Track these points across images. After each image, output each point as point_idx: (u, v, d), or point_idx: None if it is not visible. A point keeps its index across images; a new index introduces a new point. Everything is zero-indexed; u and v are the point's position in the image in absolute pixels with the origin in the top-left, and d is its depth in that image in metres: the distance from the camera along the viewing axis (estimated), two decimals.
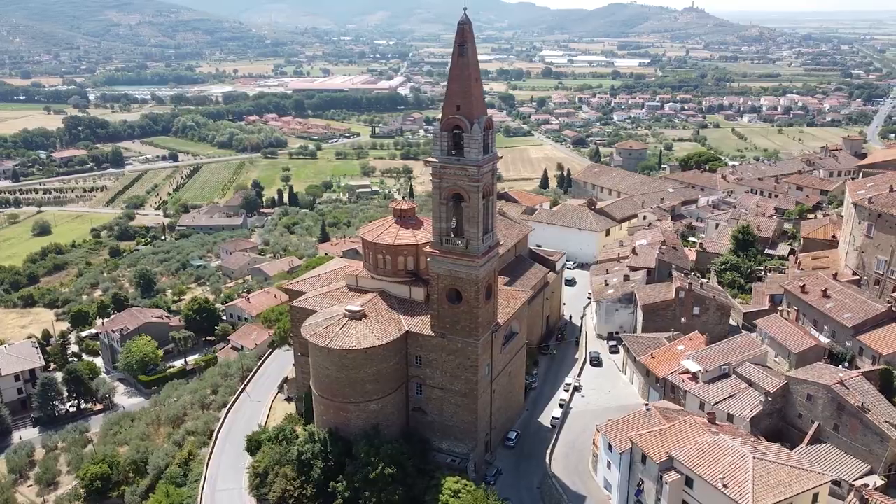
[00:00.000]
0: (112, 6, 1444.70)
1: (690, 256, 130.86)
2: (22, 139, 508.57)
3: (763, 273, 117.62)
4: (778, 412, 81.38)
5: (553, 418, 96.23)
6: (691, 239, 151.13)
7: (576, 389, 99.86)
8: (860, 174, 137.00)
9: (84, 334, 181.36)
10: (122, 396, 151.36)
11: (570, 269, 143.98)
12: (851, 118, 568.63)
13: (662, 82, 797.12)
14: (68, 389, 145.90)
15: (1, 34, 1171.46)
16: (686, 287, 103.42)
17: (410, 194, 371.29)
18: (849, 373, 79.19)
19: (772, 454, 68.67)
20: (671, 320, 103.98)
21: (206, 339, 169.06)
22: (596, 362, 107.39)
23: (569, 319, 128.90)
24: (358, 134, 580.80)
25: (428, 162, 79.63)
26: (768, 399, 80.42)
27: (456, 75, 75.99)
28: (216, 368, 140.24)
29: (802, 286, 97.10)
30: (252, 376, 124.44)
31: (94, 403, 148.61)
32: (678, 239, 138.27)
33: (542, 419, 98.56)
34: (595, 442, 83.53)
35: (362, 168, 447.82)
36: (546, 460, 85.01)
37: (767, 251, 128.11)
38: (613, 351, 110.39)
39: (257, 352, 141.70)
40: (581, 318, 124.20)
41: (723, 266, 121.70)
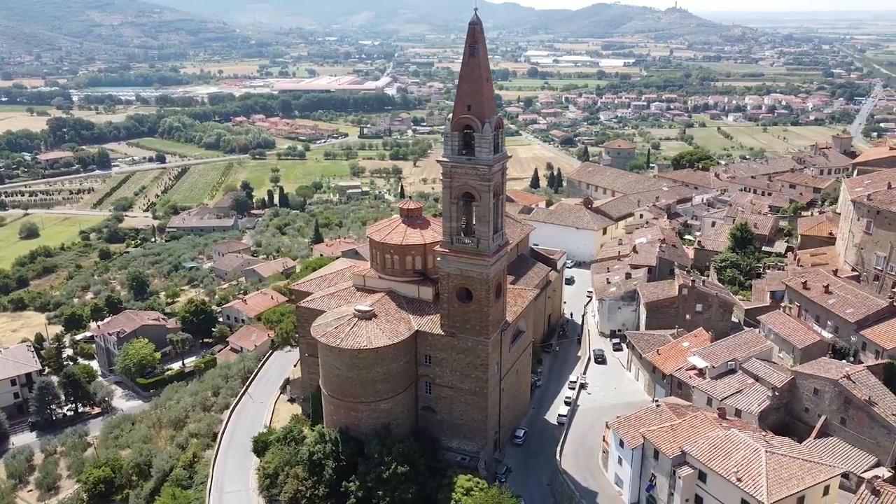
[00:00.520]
0: (94, 6, 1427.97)
1: (689, 254, 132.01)
2: (5, 141, 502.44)
3: (762, 270, 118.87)
4: (785, 407, 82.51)
5: (559, 416, 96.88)
6: (687, 237, 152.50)
7: (582, 387, 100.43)
8: (855, 172, 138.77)
9: (78, 337, 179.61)
10: (121, 399, 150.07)
11: (569, 268, 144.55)
12: (834, 117, 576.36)
13: (648, 82, 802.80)
14: (65, 393, 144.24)
15: None
16: (689, 284, 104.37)
17: (401, 194, 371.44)
18: (854, 367, 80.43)
19: (783, 448, 69.63)
20: (674, 317, 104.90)
21: (203, 341, 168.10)
22: (600, 360, 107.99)
23: (570, 317, 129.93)
24: (346, 134, 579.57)
25: (438, 161, 79.91)
26: (775, 394, 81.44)
27: (467, 75, 76.09)
28: (216, 370, 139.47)
29: (804, 282, 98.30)
30: (253, 378, 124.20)
31: (92, 407, 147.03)
32: (677, 237, 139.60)
33: (549, 416, 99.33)
34: (605, 438, 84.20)
35: (352, 169, 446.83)
36: (556, 457, 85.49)
37: (765, 248, 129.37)
38: (617, 348, 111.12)
39: (257, 353, 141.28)
40: (582, 317, 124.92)
41: (723, 263, 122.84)
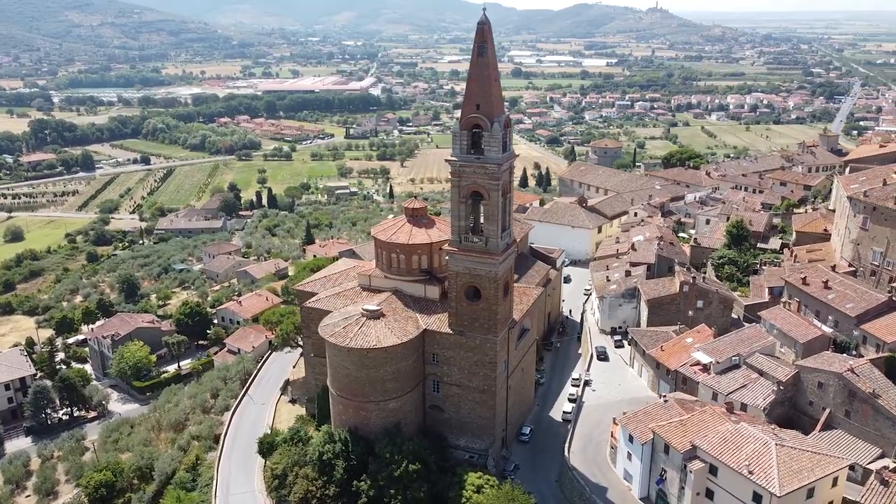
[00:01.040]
0: (72, 7, 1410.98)
1: (686, 251, 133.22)
2: None
3: (759, 266, 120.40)
4: (789, 401, 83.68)
5: (564, 412, 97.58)
6: (682, 235, 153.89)
7: (586, 384, 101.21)
8: (847, 169, 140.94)
9: (70, 341, 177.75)
10: (117, 403, 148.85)
11: (565, 266, 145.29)
12: (815, 115, 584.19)
13: (631, 82, 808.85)
14: (61, 397, 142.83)
15: None
16: (690, 281, 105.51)
17: (390, 195, 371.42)
18: (857, 361, 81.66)
19: (792, 441, 70.72)
20: (675, 314, 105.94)
21: (199, 343, 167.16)
22: (602, 357, 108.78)
23: (568, 315, 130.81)
24: (332, 135, 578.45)
25: (447, 160, 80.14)
26: (780, 388, 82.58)
27: (475, 75, 76.18)
28: (214, 372, 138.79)
29: (804, 278, 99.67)
30: (253, 379, 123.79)
31: (88, 411, 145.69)
32: (673, 234, 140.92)
33: (553, 413, 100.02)
34: (613, 434, 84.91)
35: (339, 169, 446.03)
36: (565, 454, 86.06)
37: (760, 245, 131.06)
38: (619, 345, 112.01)
39: (255, 355, 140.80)
40: (581, 314, 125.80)
41: (720, 260, 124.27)
